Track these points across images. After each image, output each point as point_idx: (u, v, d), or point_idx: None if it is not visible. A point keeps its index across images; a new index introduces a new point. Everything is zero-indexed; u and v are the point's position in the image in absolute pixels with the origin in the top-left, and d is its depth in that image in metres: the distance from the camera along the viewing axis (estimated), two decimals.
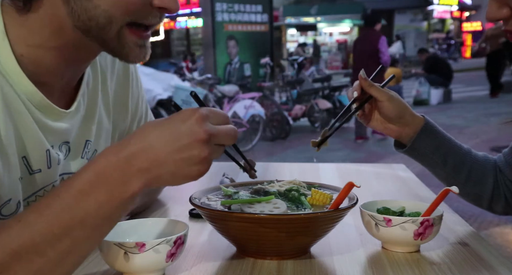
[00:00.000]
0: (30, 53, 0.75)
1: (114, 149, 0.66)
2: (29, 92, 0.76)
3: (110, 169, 0.64)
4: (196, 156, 0.66)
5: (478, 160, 1.14)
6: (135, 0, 0.72)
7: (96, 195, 0.64)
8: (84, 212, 0.63)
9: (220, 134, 0.68)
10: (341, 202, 0.90)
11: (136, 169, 0.64)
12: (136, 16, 0.74)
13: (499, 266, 0.86)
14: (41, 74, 0.77)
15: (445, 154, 1.11)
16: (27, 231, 0.62)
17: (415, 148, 1.11)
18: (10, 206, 0.76)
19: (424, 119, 1.11)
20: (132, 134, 0.67)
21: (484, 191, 1.13)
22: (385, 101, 1.06)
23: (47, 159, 0.81)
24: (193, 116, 0.66)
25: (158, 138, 0.65)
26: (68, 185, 0.64)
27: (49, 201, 0.64)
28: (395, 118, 1.08)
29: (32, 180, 0.80)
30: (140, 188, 0.65)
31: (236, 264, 0.89)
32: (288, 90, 8.43)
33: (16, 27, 0.74)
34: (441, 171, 1.13)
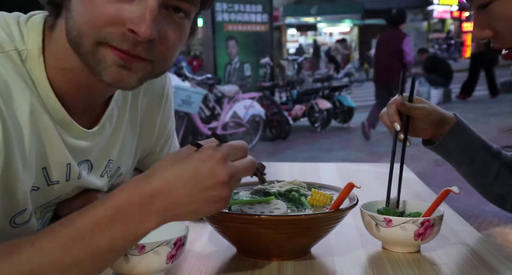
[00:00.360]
0: (59, 76, 0.76)
1: (135, 186, 0.66)
2: (54, 108, 0.77)
3: (129, 207, 0.64)
4: (217, 196, 0.66)
5: (508, 162, 1.13)
6: (100, 14, 0.69)
7: (111, 231, 0.64)
8: (97, 246, 0.64)
9: (240, 171, 0.69)
10: (341, 202, 0.90)
11: (155, 209, 0.65)
12: (108, 36, 0.70)
13: (499, 266, 0.86)
14: (63, 94, 0.78)
15: (473, 153, 1.12)
16: (39, 257, 0.62)
17: (443, 145, 1.11)
18: (24, 215, 0.77)
19: (455, 117, 1.11)
20: (153, 170, 0.67)
21: (509, 194, 1.12)
22: (425, 117, 1.06)
23: (66, 172, 0.81)
24: (214, 157, 0.65)
25: (178, 178, 0.65)
26: (85, 216, 0.64)
27: (63, 229, 0.64)
28: (432, 127, 1.09)
29: (49, 191, 0.81)
30: (157, 226, 0.66)
31: (237, 265, 0.89)
32: (288, 90, 8.43)
33: (53, 48, 0.76)
34: (469, 169, 1.13)
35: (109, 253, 0.66)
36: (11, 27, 0.75)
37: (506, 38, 0.87)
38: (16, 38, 0.74)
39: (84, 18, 0.70)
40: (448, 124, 1.10)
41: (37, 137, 0.75)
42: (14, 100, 0.70)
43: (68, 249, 0.63)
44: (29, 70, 0.74)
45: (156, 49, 0.73)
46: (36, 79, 0.75)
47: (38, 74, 0.75)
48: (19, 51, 0.74)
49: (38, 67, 0.75)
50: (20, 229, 0.78)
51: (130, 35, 0.69)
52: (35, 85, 0.74)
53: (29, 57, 0.74)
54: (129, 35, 0.69)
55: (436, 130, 1.11)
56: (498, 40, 0.89)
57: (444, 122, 1.10)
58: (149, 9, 0.69)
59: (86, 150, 0.84)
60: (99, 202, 0.65)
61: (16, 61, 0.73)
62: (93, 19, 0.69)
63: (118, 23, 0.69)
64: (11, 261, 0.61)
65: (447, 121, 1.10)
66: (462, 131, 1.11)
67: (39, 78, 0.75)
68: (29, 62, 0.74)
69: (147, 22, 0.68)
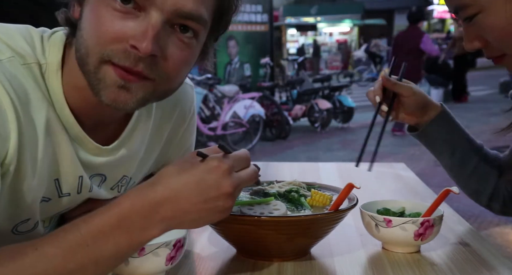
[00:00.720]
0: (71, 89, 0.77)
1: (140, 194, 0.66)
2: (68, 123, 0.77)
3: (133, 215, 0.64)
4: (221, 206, 0.67)
5: (488, 157, 1.15)
6: (106, 30, 0.69)
7: (116, 238, 0.64)
8: (101, 252, 0.64)
9: (243, 182, 0.70)
10: (341, 203, 0.90)
11: (160, 217, 0.65)
12: (111, 53, 0.70)
13: (499, 266, 0.86)
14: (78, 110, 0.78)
15: (455, 144, 1.13)
16: (42, 263, 0.62)
17: (426, 133, 1.13)
18: (28, 224, 0.78)
19: (441, 106, 1.13)
20: (157, 178, 0.67)
21: (485, 188, 1.14)
22: (410, 95, 1.08)
23: (78, 185, 0.82)
24: (220, 169, 0.66)
25: (184, 188, 0.65)
26: (89, 223, 0.64)
27: (67, 235, 0.64)
28: (418, 108, 1.11)
29: (59, 202, 0.81)
30: (161, 233, 0.67)
31: (236, 266, 0.89)
32: (288, 90, 8.43)
33: (67, 62, 0.77)
34: (448, 160, 1.15)
35: (113, 259, 0.66)
36: (35, 41, 0.76)
37: (496, 47, 0.88)
38: (38, 52, 0.75)
39: (91, 36, 0.71)
40: (434, 111, 1.12)
41: (51, 149, 0.75)
42: (32, 110, 0.71)
43: (72, 255, 0.63)
44: (47, 83, 0.75)
45: (159, 67, 0.72)
46: (54, 93, 0.76)
47: (56, 89, 0.76)
48: (40, 64, 0.75)
49: (56, 81, 0.76)
50: (23, 237, 0.78)
51: (132, 51, 0.69)
52: (52, 99, 0.75)
53: (48, 71, 0.75)
54: (131, 51, 0.69)
55: (421, 116, 1.12)
56: (489, 50, 0.90)
57: (429, 108, 1.12)
58: (151, 25, 0.69)
59: (101, 165, 0.85)
60: (104, 209, 0.65)
61: (36, 74, 0.74)
62: (99, 36, 0.70)
63: (121, 40, 0.69)
64: (14, 266, 0.61)
65: (433, 107, 1.12)
66: (447, 121, 1.13)
67: (56, 93, 0.76)
68: (48, 76, 0.75)
69: (149, 37, 0.68)
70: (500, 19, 0.84)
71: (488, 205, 1.17)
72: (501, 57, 0.90)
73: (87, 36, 0.71)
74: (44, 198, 0.78)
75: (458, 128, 1.14)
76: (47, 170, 0.75)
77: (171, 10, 0.69)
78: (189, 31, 0.73)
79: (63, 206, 0.83)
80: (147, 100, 0.76)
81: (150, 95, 0.75)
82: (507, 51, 0.88)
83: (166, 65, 0.72)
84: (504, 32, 0.85)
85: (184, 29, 0.73)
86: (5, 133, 0.67)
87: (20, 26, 0.78)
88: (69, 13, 0.75)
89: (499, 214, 1.19)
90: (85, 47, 0.71)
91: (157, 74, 0.72)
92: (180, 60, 0.74)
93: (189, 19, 0.72)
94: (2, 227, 0.75)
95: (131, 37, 0.69)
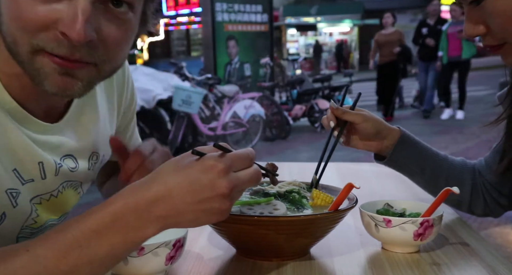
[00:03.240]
0: (6, 77, 0.74)
1: (133, 193, 0.64)
2: (12, 109, 0.74)
3: (127, 214, 0.62)
4: (217, 208, 0.64)
5: (456, 166, 1.17)
6: (30, 17, 0.63)
7: (109, 238, 0.62)
8: (95, 252, 0.62)
9: (242, 183, 0.66)
10: (340, 203, 0.90)
11: (154, 216, 0.63)
12: (42, 41, 0.65)
13: (499, 266, 0.86)
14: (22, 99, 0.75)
15: (422, 162, 1.15)
16: (34, 264, 0.61)
17: (393, 159, 1.15)
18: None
19: (400, 130, 1.14)
20: (152, 177, 0.65)
21: (462, 196, 1.15)
22: (361, 122, 1.10)
23: (40, 170, 0.79)
24: (215, 168, 0.63)
25: (178, 187, 0.63)
26: (81, 223, 0.63)
27: (59, 236, 0.62)
28: (372, 135, 1.12)
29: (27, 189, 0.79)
30: (156, 232, 0.64)
31: (236, 266, 0.89)
32: (288, 90, 8.43)
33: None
34: (421, 179, 1.17)
35: (108, 259, 0.64)
36: None
37: (498, 34, 0.87)
38: None
39: (14, 23, 0.65)
40: (392, 136, 1.13)
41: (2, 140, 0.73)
42: None
43: (64, 256, 0.61)
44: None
45: (98, 51, 0.68)
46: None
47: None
48: None
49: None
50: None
51: (65, 39, 0.64)
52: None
53: None
54: (63, 38, 0.64)
55: (380, 142, 1.14)
56: (490, 37, 0.89)
57: (386, 132, 1.13)
58: (80, 8, 0.63)
59: (60, 145, 0.83)
60: (97, 208, 0.64)
61: None
62: (23, 24, 0.64)
63: (50, 26, 0.64)
64: (5, 267, 0.60)
65: (390, 132, 1.13)
66: (409, 144, 1.14)
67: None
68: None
69: (80, 23, 0.63)
70: (509, 5, 0.83)
71: (470, 211, 1.18)
72: (500, 46, 0.89)
73: (9, 22, 0.65)
74: (12, 190, 0.76)
75: (421, 147, 1.15)
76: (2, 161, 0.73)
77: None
78: (123, 5, 0.68)
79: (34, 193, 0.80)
80: (94, 83, 0.73)
81: (95, 78, 0.72)
82: (509, 39, 0.87)
83: (106, 46, 0.68)
84: (511, 19, 0.84)
85: (117, 3, 0.68)
86: None
87: None
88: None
89: (482, 216, 1.21)
90: (10, 35, 0.66)
91: (97, 57, 0.69)
92: (119, 38, 0.70)
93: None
94: None
95: (60, 22, 0.64)
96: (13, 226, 0.79)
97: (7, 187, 0.75)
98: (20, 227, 0.81)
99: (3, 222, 0.77)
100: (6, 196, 0.75)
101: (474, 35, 0.90)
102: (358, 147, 1.15)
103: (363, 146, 1.15)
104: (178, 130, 5.86)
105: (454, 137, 6.74)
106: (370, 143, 1.14)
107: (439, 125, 8.04)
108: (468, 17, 0.90)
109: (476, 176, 1.16)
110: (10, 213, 0.77)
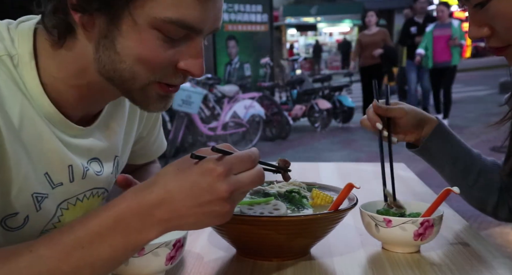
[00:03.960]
0: (53, 84, 0.77)
1: (135, 196, 0.64)
2: (49, 113, 0.77)
3: (130, 217, 0.63)
4: (217, 211, 0.64)
5: (487, 165, 1.15)
6: (159, 61, 0.72)
7: (112, 240, 0.63)
8: (97, 254, 0.63)
9: (243, 185, 0.65)
10: (340, 203, 0.89)
11: (156, 219, 0.63)
12: (161, 76, 0.74)
13: (499, 266, 0.86)
14: (61, 104, 0.78)
15: (455, 155, 1.13)
16: (37, 265, 0.61)
17: (426, 148, 1.13)
18: (17, 219, 0.76)
19: (437, 120, 1.13)
20: (154, 180, 0.65)
21: (490, 197, 1.13)
22: (403, 116, 1.08)
23: (69, 174, 0.81)
24: (214, 172, 0.62)
25: (179, 190, 0.63)
26: (84, 225, 0.63)
27: (62, 236, 0.63)
28: (414, 126, 1.11)
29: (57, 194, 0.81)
30: (158, 235, 0.65)
31: (236, 266, 0.89)
32: (288, 90, 8.43)
33: (46, 57, 0.76)
34: (450, 172, 1.15)
35: (110, 261, 0.64)
36: (2, 32, 0.75)
37: (502, 36, 0.87)
38: (7, 43, 0.74)
39: (142, 65, 0.72)
40: (429, 125, 1.12)
41: (33, 142, 0.75)
42: (6, 104, 0.71)
43: (67, 257, 0.62)
44: (21, 75, 0.74)
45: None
46: (28, 84, 0.75)
47: (30, 80, 0.75)
48: (11, 56, 0.74)
49: (30, 72, 0.75)
50: (15, 235, 0.77)
51: (183, 73, 0.75)
52: (28, 90, 0.74)
53: (21, 62, 0.74)
54: (181, 72, 0.74)
55: (419, 132, 1.12)
56: (494, 39, 0.89)
57: (424, 122, 1.12)
58: (199, 49, 0.74)
59: (90, 148, 0.84)
60: (100, 210, 0.64)
61: (8, 66, 0.73)
62: (153, 66, 0.72)
63: (173, 63, 0.73)
64: (9, 268, 0.61)
65: (428, 121, 1.12)
66: (444, 134, 1.13)
67: (31, 83, 0.75)
68: (22, 68, 0.74)
69: (201, 62, 0.73)
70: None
71: (493, 214, 1.16)
72: (505, 48, 0.89)
73: (132, 61, 0.72)
74: (38, 194, 0.77)
75: (455, 139, 1.14)
76: (32, 163, 0.75)
77: (211, 30, 0.75)
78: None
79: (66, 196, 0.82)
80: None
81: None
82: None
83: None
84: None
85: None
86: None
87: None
88: (69, 18, 0.73)
89: (505, 221, 1.17)
90: (130, 72, 0.73)
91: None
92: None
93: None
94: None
95: (183, 63, 0.73)
96: (33, 229, 0.80)
97: (34, 191, 0.76)
98: (40, 231, 0.82)
99: (25, 225, 0.78)
100: (31, 200, 0.76)
101: (478, 37, 0.90)
102: (400, 139, 1.12)
103: (402, 138, 1.12)
104: (178, 130, 5.86)
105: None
106: (410, 134, 1.12)
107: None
108: (472, 20, 0.89)
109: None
110: (33, 217, 0.78)
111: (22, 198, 0.75)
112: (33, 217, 0.78)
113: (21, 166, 0.73)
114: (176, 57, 0.73)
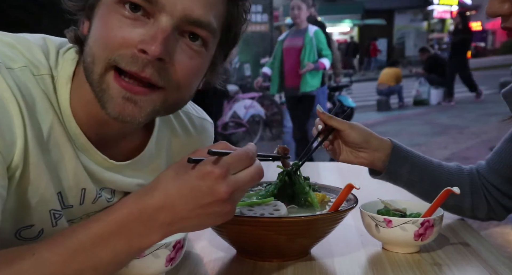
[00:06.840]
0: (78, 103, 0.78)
1: (138, 200, 0.64)
2: (75, 135, 0.78)
3: (132, 222, 0.63)
4: (219, 212, 0.65)
5: (452, 172, 1.13)
6: (114, 35, 0.70)
7: (114, 244, 0.63)
8: (99, 258, 0.63)
9: (242, 184, 0.66)
10: (340, 204, 0.90)
11: (158, 224, 0.64)
12: (116, 55, 0.70)
13: (500, 266, 0.86)
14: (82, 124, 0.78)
15: (420, 171, 1.10)
16: (40, 268, 0.61)
17: (391, 171, 1.10)
18: (32, 231, 0.77)
19: (391, 141, 1.10)
20: (154, 185, 0.65)
21: (464, 201, 1.12)
22: (346, 129, 1.05)
23: (81, 197, 0.81)
24: (212, 175, 0.63)
25: (179, 194, 0.63)
26: (87, 229, 0.63)
27: (65, 240, 0.63)
28: (361, 144, 1.06)
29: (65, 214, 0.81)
30: (160, 239, 0.65)
31: (237, 267, 0.89)
32: None
33: (77, 78, 0.78)
34: (420, 189, 1.13)
35: (111, 265, 0.65)
36: (50, 54, 0.78)
37: None
38: (52, 64, 0.77)
39: (98, 42, 0.72)
40: (386, 148, 1.08)
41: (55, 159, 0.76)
42: (38, 118, 0.73)
43: (69, 261, 0.62)
44: (57, 94, 0.76)
45: (168, 73, 0.72)
46: (62, 104, 0.77)
47: (64, 100, 0.77)
48: (53, 76, 0.76)
49: (65, 93, 0.77)
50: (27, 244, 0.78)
51: (140, 56, 0.70)
52: (60, 109, 0.76)
53: (59, 83, 0.77)
54: (139, 55, 0.70)
55: (373, 155, 1.08)
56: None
57: (376, 143, 1.08)
58: (160, 29, 0.70)
59: (114, 181, 0.84)
60: (103, 214, 0.65)
61: (47, 84, 0.75)
62: (107, 41, 0.71)
63: (130, 45, 0.70)
64: (11, 271, 0.61)
65: (383, 144, 1.08)
66: (402, 153, 1.10)
67: (63, 104, 0.77)
68: (58, 88, 0.77)
69: (158, 40, 0.69)
70: None
71: (473, 216, 1.15)
72: None
73: (94, 43, 0.72)
74: (56, 211, 0.78)
75: (416, 156, 1.11)
76: (51, 180, 0.75)
77: (180, 16, 0.70)
78: (198, 40, 0.74)
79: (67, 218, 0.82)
80: (157, 112, 0.76)
81: (160, 107, 0.75)
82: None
83: (175, 71, 0.73)
84: None
85: (194, 37, 0.73)
86: (12, 138, 0.68)
87: (38, 37, 0.79)
88: (78, 30, 0.76)
89: (485, 220, 1.16)
90: (91, 55, 0.72)
91: (166, 81, 0.72)
92: (189, 67, 0.74)
93: (198, 26, 0.72)
94: (6, 230, 0.74)
95: (140, 41, 0.69)
96: None
97: (52, 208, 0.77)
98: None
99: (39, 237, 0.79)
100: (48, 215, 0.78)
101: (497, 14, 0.84)
102: (348, 160, 1.10)
103: (354, 159, 1.09)
104: None
105: (454, 137, 6.73)
106: (361, 156, 1.08)
107: (439, 125, 8.05)
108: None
109: (475, 180, 1.14)
110: (48, 231, 0.79)
111: (40, 212, 0.76)
112: (48, 231, 0.79)
113: (41, 181, 0.73)
114: (135, 37, 0.70)
